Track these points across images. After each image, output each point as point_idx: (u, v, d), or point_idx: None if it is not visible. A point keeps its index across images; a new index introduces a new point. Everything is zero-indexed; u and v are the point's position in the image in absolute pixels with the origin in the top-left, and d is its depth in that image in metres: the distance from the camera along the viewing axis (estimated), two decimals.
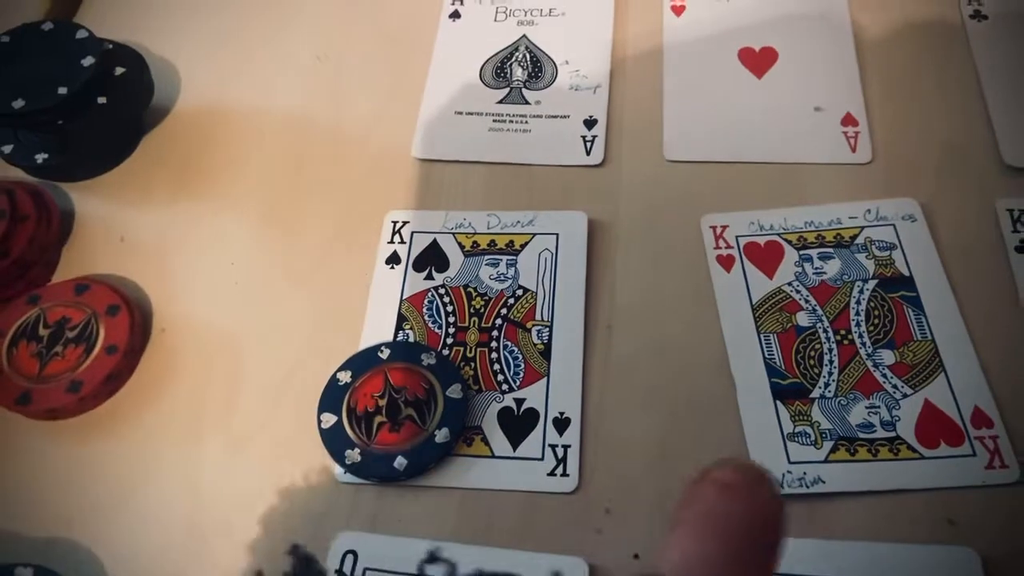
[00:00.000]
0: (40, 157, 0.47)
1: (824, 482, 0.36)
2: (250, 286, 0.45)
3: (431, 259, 0.45)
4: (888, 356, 0.39)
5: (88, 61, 0.45)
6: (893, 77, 0.49)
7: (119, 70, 0.48)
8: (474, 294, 0.43)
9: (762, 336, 0.40)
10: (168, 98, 0.53)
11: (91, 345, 0.41)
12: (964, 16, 0.50)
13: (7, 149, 0.47)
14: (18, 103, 0.44)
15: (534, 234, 0.45)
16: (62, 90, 0.44)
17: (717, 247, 0.43)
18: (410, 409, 0.39)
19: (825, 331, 0.40)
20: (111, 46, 0.49)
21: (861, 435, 0.37)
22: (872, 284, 0.41)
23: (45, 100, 0.44)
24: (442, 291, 0.44)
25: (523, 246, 0.44)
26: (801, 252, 0.43)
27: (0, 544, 0.38)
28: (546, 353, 0.41)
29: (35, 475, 0.40)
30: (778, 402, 0.38)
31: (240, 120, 0.52)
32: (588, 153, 0.48)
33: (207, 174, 0.50)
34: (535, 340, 0.41)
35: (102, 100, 0.47)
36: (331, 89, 0.53)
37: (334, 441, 0.39)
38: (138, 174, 0.50)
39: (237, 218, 0.48)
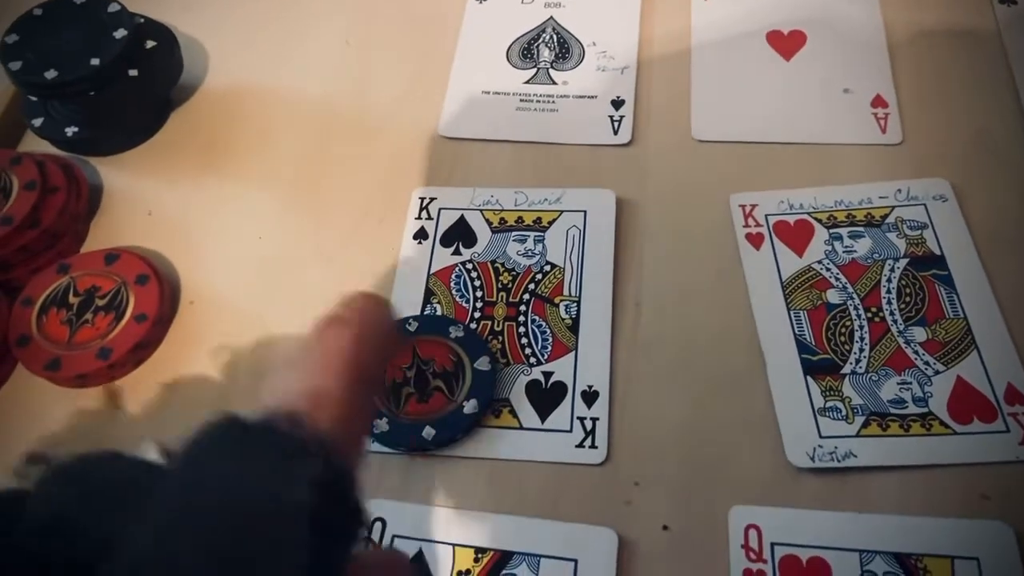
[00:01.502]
0: (70, 130, 0.47)
1: (856, 456, 0.36)
2: (277, 260, 0.45)
3: (459, 235, 0.45)
4: (920, 333, 0.39)
5: (120, 33, 0.45)
6: (923, 60, 0.49)
7: (150, 44, 0.49)
8: (502, 269, 0.43)
9: (792, 313, 0.40)
10: (196, 76, 0.53)
11: (120, 313, 0.41)
12: (994, 1, 0.50)
13: (38, 122, 0.48)
14: (51, 74, 0.44)
15: (562, 211, 0.45)
16: (94, 61, 0.44)
17: (746, 225, 0.43)
18: (438, 381, 0.39)
19: (856, 308, 0.40)
20: (142, 20, 0.49)
21: (893, 410, 0.37)
22: (903, 263, 0.41)
23: (78, 71, 0.44)
24: (470, 266, 0.43)
25: (551, 223, 0.44)
26: (831, 231, 0.42)
27: None
28: (574, 328, 0.41)
29: (62, 439, 0.40)
30: (809, 377, 0.38)
31: (268, 99, 0.52)
32: (616, 133, 0.48)
33: (235, 151, 0.50)
34: (563, 315, 0.41)
35: (133, 73, 0.47)
36: (359, 69, 0.53)
37: None
38: (166, 150, 0.50)
39: (265, 194, 0.48)
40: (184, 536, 0.20)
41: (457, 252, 0.44)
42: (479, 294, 0.42)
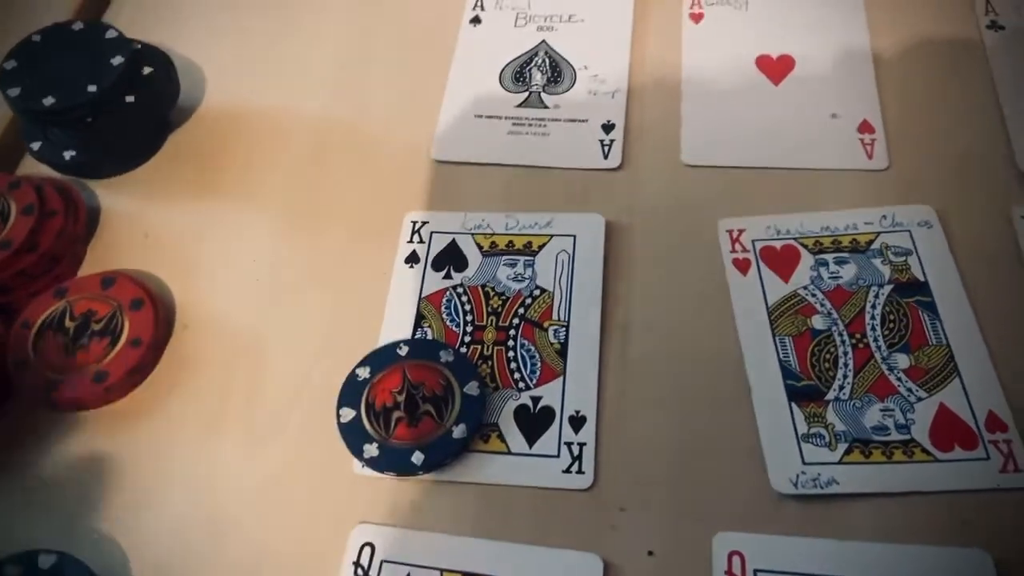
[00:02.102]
0: (68, 154, 0.48)
1: (838, 483, 0.36)
2: (272, 283, 0.46)
3: (450, 259, 0.45)
4: (903, 360, 0.39)
5: (117, 60, 0.46)
6: (910, 85, 0.49)
7: (147, 70, 0.49)
8: (492, 293, 0.44)
9: (777, 339, 0.41)
10: (193, 98, 0.54)
11: (116, 338, 0.42)
12: (981, 26, 0.51)
13: (36, 146, 0.48)
14: (48, 100, 0.45)
15: (552, 235, 0.45)
16: (92, 88, 0.45)
17: (733, 250, 0.44)
18: (428, 405, 0.40)
19: (840, 335, 0.40)
20: (140, 46, 0.50)
21: (875, 437, 0.37)
22: (888, 289, 0.41)
23: (75, 98, 0.45)
24: (460, 290, 0.44)
25: (541, 247, 0.45)
26: (817, 256, 0.43)
27: (23, 532, 0.38)
28: (562, 352, 0.41)
29: (58, 465, 0.41)
30: (793, 404, 0.38)
31: (264, 121, 0.53)
32: (606, 157, 0.48)
33: (231, 173, 0.50)
34: (552, 339, 0.42)
35: (130, 99, 0.48)
36: (353, 92, 0.53)
37: (353, 435, 0.39)
38: (163, 172, 0.51)
39: (259, 216, 0.48)
40: None
41: (448, 276, 0.45)
42: (469, 318, 0.43)
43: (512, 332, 0.42)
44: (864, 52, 0.50)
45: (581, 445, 0.39)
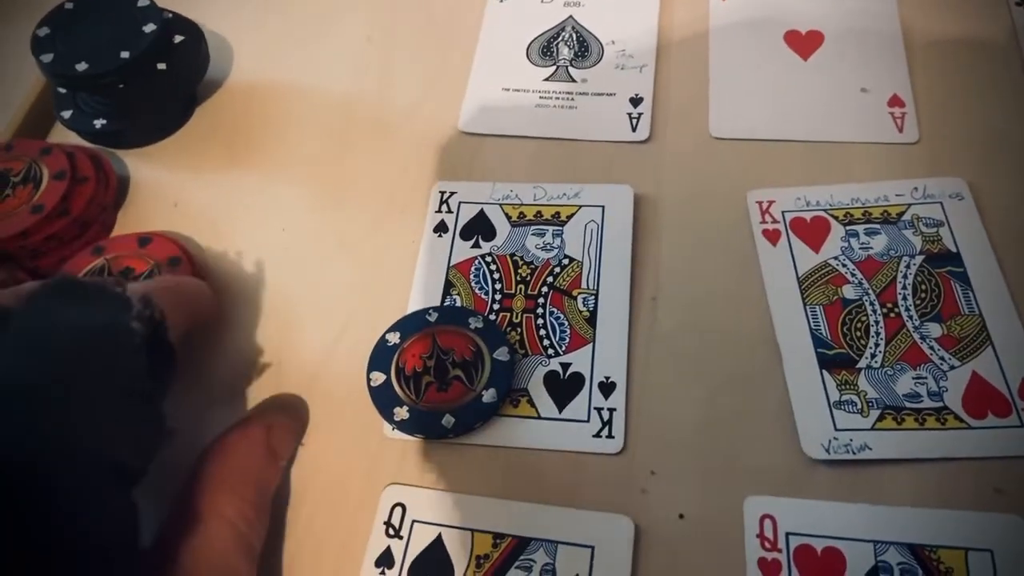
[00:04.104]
0: (98, 123, 0.48)
1: (871, 449, 0.36)
2: (301, 252, 0.46)
3: (478, 228, 0.45)
4: (935, 329, 0.39)
5: (150, 28, 0.46)
6: (940, 60, 0.49)
7: (178, 38, 0.49)
8: (520, 262, 0.44)
9: (808, 308, 0.40)
10: (221, 71, 0.54)
11: None
12: (1011, 2, 0.50)
13: (67, 115, 0.49)
14: (81, 66, 0.45)
15: (580, 206, 0.45)
16: (124, 54, 0.45)
17: (763, 221, 0.44)
18: (458, 370, 0.40)
19: (872, 304, 0.40)
20: (171, 15, 0.50)
21: (908, 404, 0.37)
22: (919, 259, 0.41)
23: (108, 64, 0.45)
24: (489, 259, 0.44)
25: (569, 217, 0.45)
26: (847, 228, 0.43)
27: None
28: (591, 320, 0.41)
29: None
30: (824, 371, 0.38)
31: (291, 94, 0.53)
32: (634, 129, 0.48)
33: (259, 145, 0.51)
34: (581, 307, 0.42)
35: (162, 66, 0.48)
36: (380, 66, 0.54)
37: (383, 399, 0.39)
38: (192, 143, 0.51)
39: (288, 187, 0.49)
40: (35, 354, 0.23)
41: (476, 245, 0.45)
42: (498, 286, 0.43)
43: (541, 300, 0.42)
44: (893, 27, 0.50)
45: (611, 410, 0.39)
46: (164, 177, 0.50)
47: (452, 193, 0.47)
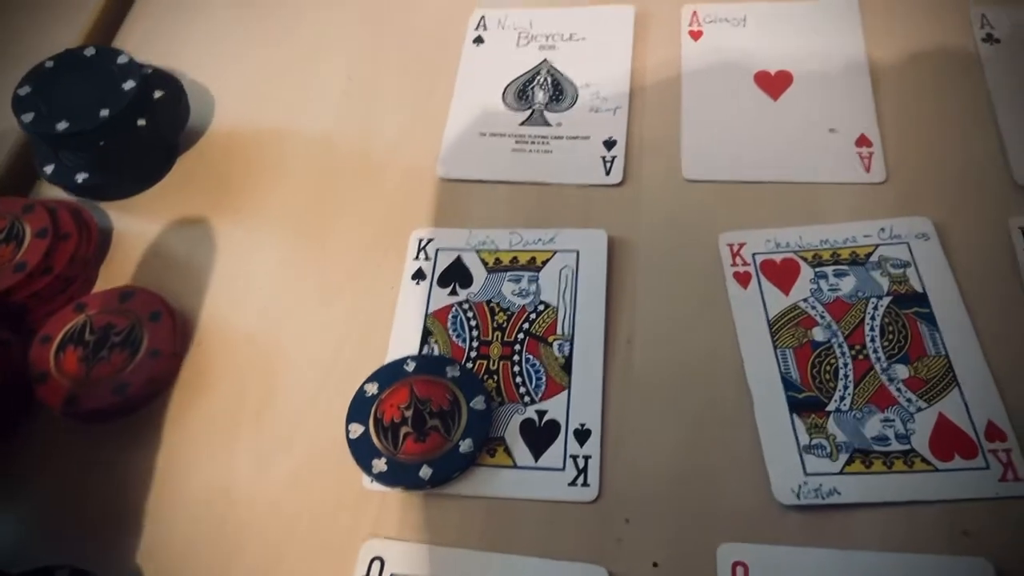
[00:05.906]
0: (80, 177, 0.49)
1: (840, 493, 0.37)
2: (282, 301, 0.47)
3: (455, 275, 0.46)
4: (902, 371, 0.40)
5: (129, 85, 0.47)
6: (906, 99, 0.50)
7: (158, 93, 0.50)
8: (497, 309, 0.44)
9: (778, 351, 0.41)
10: (202, 120, 0.55)
11: (136, 349, 0.43)
12: (977, 39, 0.51)
13: (49, 169, 0.50)
14: (62, 124, 0.46)
15: (555, 251, 0.46)
16: (104, 112, 0.46)
17: (734, 264, 0.44)
18: (435, 420, 0.40)
19: (840, 346, 0.41)
20: (150, 70, 0.51)
21: (876, 448, 0.38)
22: (887, 301, 0.42)
23: (88, 122, 0.46)
24: (466, 306, 0.45)
25: (544, 263, 0.46)
26: (816, 269, 0.44)
27: (41, 544, 0.39)
28: (567, 366, 0.42)
29: (78, 476, 0.41)
30: (794, 415, 0.39)
31: (272, 141, 0.54)
32: (608, 173, 0.49)
33: (240, 193, 0.51)
34: (556, 354, 0.43)
35: (141, 122, 0.49)
36: (359, 112, 0.54)
37: (361, 450, 0.40)
38: (174, 193, 0.52)
39: (269, 235, 0.49)
40: None
41: (454, 292, 0.45)
42: (475, 333, 0.44)
43: (517, 347, 0.43)
44: (861, 67, 0.51)
45: (586, 458, 0.39)
46: (146, 228, 0.50)
47: (429, 240, 0.48)
